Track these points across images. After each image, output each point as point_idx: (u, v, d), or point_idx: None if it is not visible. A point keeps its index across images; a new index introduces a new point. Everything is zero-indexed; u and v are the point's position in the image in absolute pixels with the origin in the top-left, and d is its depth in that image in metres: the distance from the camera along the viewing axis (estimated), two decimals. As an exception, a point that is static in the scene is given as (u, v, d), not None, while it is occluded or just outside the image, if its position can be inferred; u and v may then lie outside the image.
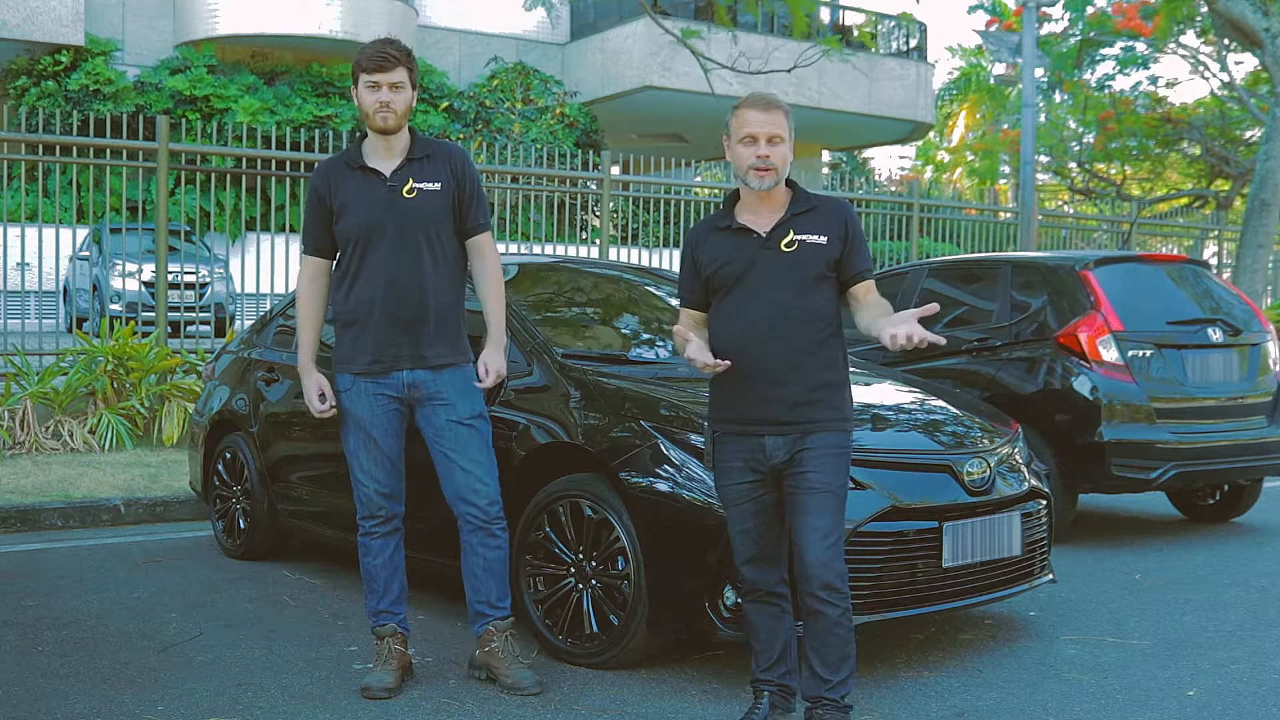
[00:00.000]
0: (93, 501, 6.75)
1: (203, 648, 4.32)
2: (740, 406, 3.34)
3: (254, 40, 19.30)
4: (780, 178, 3.33)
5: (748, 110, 3.32)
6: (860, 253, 3.37)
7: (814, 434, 3.29)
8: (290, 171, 10.21)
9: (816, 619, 3.28)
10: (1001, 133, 30.51)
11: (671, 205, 12.96)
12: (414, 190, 3.85)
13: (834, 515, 3.28)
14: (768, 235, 3.34)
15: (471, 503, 3.88)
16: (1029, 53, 13.53)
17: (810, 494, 3.27)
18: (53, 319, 12.98)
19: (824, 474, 3.28)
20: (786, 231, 3.34)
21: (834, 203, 3.44)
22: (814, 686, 3.33)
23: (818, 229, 3.34)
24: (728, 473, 3.40)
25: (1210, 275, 7.25)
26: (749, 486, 3.36)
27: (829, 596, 3.25)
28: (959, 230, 15.14)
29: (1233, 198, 25.82)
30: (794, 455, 3.29)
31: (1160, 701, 3.87)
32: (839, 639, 3.29)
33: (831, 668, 3.30)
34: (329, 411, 3.94)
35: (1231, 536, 6.73)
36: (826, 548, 3.25)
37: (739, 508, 3.39)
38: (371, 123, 3.82)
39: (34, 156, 9.37)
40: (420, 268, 3.84)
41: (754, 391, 3.31)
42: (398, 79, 3.80)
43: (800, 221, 3.35)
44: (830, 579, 3.25)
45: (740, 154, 3.32)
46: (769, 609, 3.44)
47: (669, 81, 20.75)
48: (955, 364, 6.79)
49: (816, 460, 3.27)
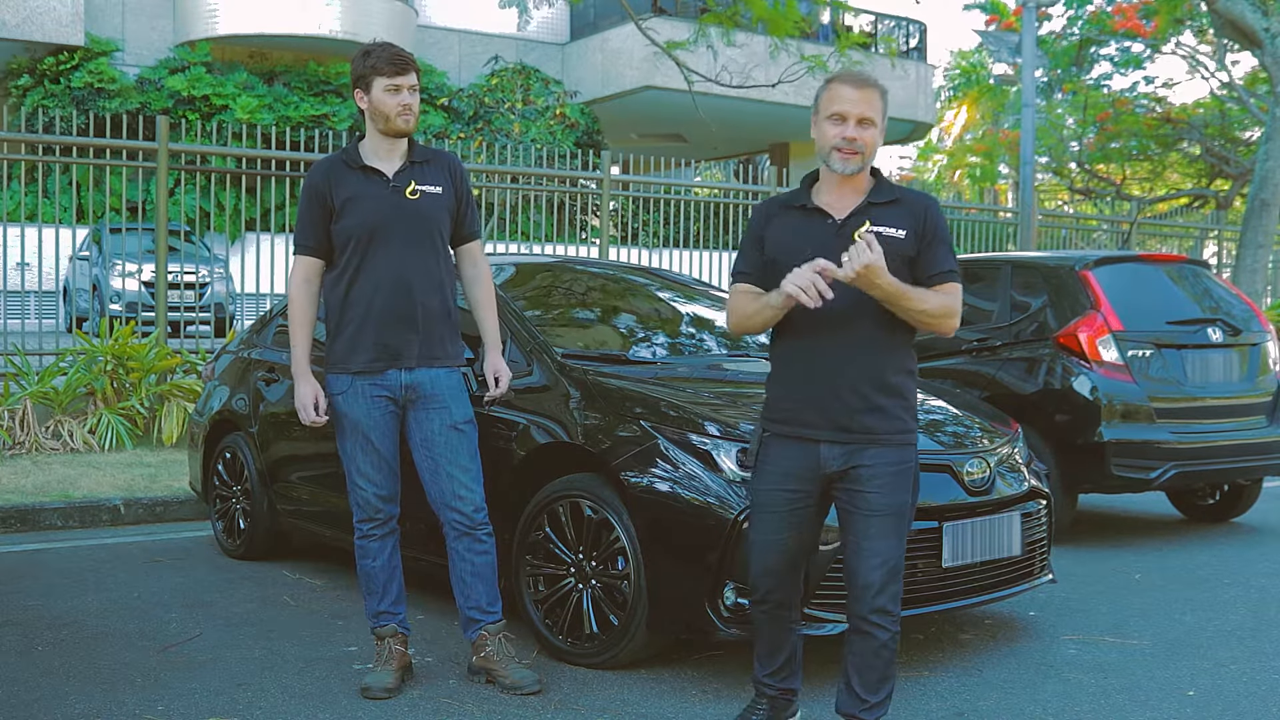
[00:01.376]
0: (93, 501, 6.74)
1: (203, 648, 4.32)
2: (797, 407, 3.14)
3: (254, 40, 19.30)
4: (866, 163, 3.12)
5: (841, 86, 3.10)
6: (938, 251, 3.11)
7: (874, 448, 3.09)
8: (290, 171, 10.21)
9: (864, 640, 3.15)
10: (1001, 133, 30.52)
11: (671, 205, 12.96)
12: (417, 192, 3.86)
13: (893, 538, 3.10)
14: (843, 221, 3.12)
15: (457, 509, 3.88)
16: (1029, 53, 13.53)
17: (871, 516, 3.09)
18: (53, 319, 12.98)
19: (885, 495, 3.08)
20: (863, 220, 3.10)
21: (918, 196, 3.19)
22: (851, 705, 3.21)
23: (897, 222, 3.11)
24: (768, 476, 3.20)
25: (1210, 275, 7.25)
26: (790, 495, 3.17)
27: (881, 620, 3.11)
28: (959, 230, 15.14)
29: (1233, 198, 25.82)
30: (851, 469, 3.10)
31: (1160, 701, 3.87)
32: (883, 661, 3.15)
33: (871, 689, 3.17)
34: (320, 421, 3.92)
35: (1231, 536, 6.73)
36: (884, 573, 3.09)
37: (771, 515, 3.20)
38: (392, 125, 3.83)
39: (34, 157, 9.37)
40: (424, 268, 3.85)
41: (816, 392, 3.11)
42: (414, 82, 3.85)
43: (880, 212, 3.12)
44: (883, 604, 3.10)
45: (826, 131, 3.09)
46: (779, 619, 3.33)
47: (669, 81, 20.70)
48: (955, 364, 6.79)
49: (877, 479, 3.08)
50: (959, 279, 3.13)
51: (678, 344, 5.09)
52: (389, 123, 3.83)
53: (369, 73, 3.82)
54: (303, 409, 3.92)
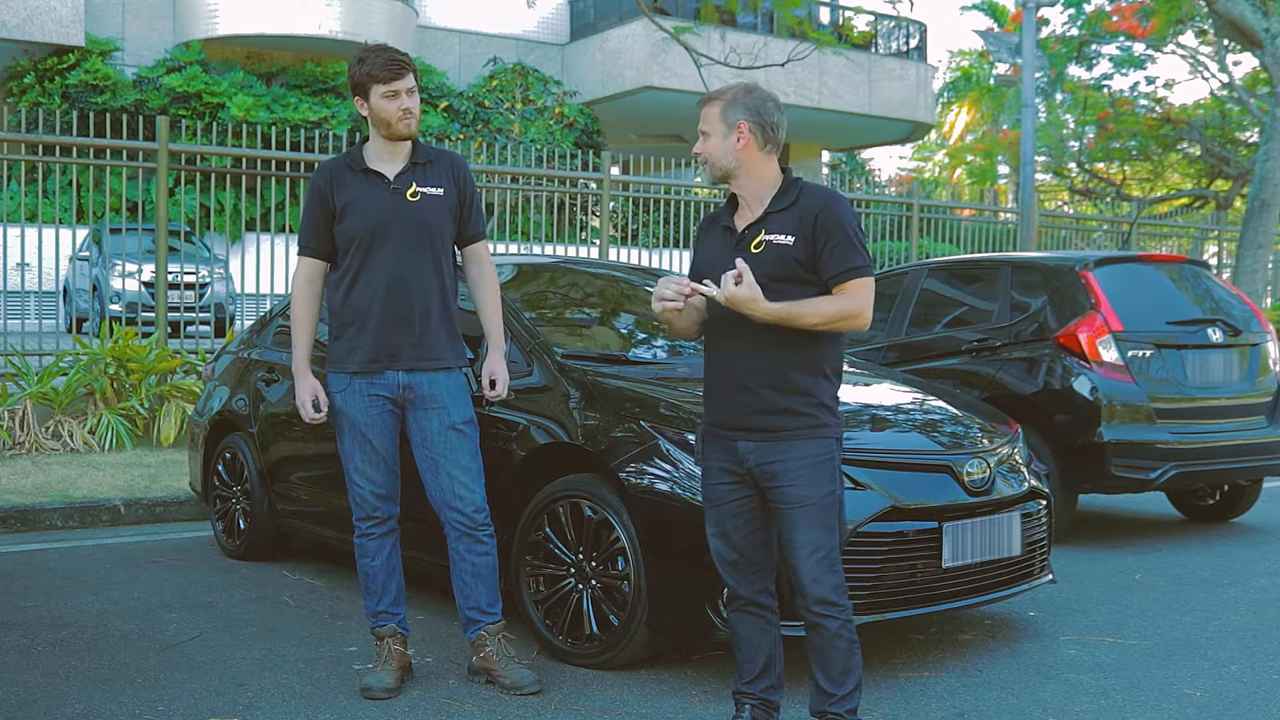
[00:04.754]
0: (92, 502, 6.74)
1: (202, 648, 4.32)
2: (715, 408, 3.28)
3: (254, 40, 19.30)
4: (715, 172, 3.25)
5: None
6: (834, 252, 3.10)
7: (787, 442, 3.15)
8: (290, 171, 10.21)
9: (817, 633, 3.19)
10: (1001, 133, 30.52)
11: (671, 205, 12.95)
12: (418, 194, 3.86)
13: (819, 528, 3.15)
14: (742, 234, 3.22)
15: (458, 509, 3.88)
16: (1029, 53, 13.53)
17: (791, 509, 3.15)
18: (52, 319, 12.98)
19: (803, 487, 3.14)
20: (759, 231, 3.19)
21: (814, 198, 3.18)
22: (820, 701, 3.23)
23: (787, 228, 3.15)
24: (709, 472, 3.32)
25: (1210, 275, 7.25)
26: (729, 488, 3.27)
27: (825, 610, 3.15)
28: (959, 231, 15.15)
29: (1233, 198, 25.82)
30: (767, 465, 3.17)
31: (1160, 701, 3.87)
32: (841, 651, 3.18)
33: (835, 681, 3.20)
34: (320, 418, 3.93)
35: (1231, 536, 6.72)
36: (816, 563, 3.14)
37: (718, 509, 3.30)
38: (394, 130, 3.83)
39: (34, 157, 9.37)
40: (423, 270, 3.85)
41: (726, 394, 3.24)
42: (411, 84, 3.84)
43: (776, 219, 3.18)
44: (823, 594, 3.15)
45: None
46: (753, 619, 3.34)
47: (669, 82, 20.74)
48: (955, 364, 6.79)
49: (793, 472, 3.14)
50: (865, 273, 3.14)
51: (677, 344, 5.09)
52: (391, 128, 3.83)
53: (366, 80, 3.82)
54: (302, 406, 3.93)
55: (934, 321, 7.18)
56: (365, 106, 3.85)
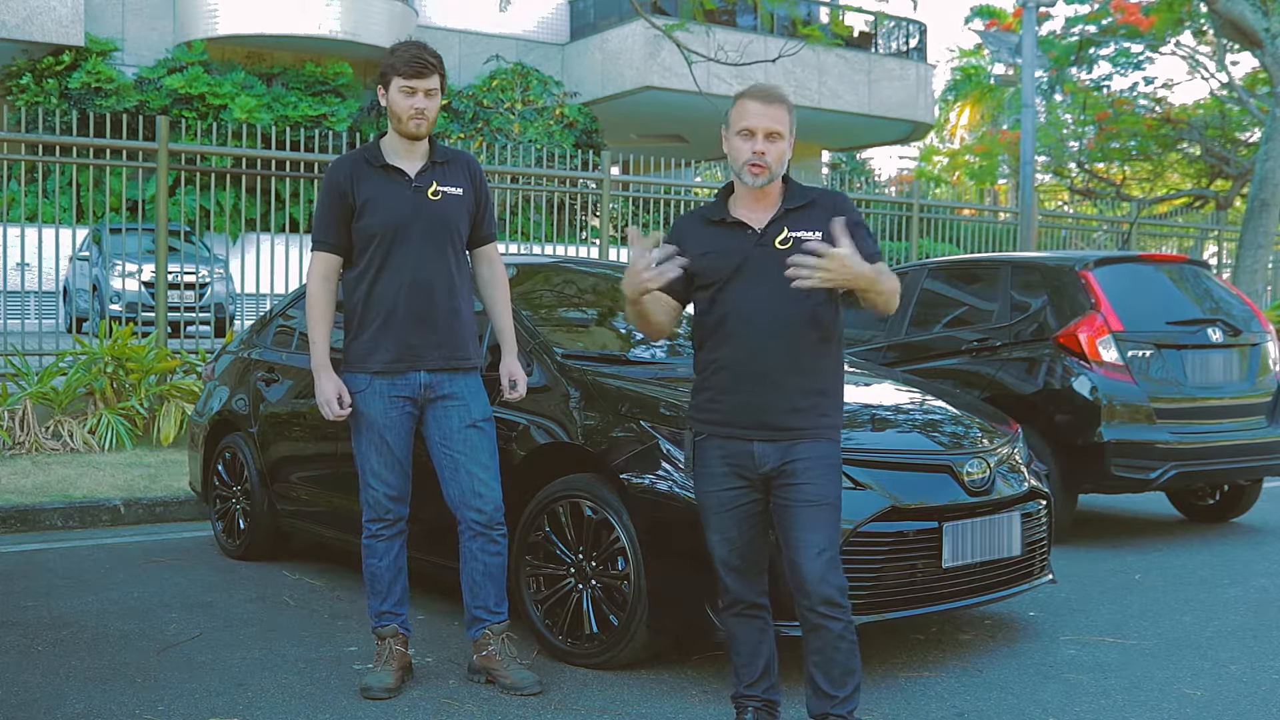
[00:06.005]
0: (92, 502, 6.74)
1: (202, 648, 4.32)
2: (728, 410, 3.21)
3: (254, 40, 19.30)
4: (774, 176, 3.18)
5: (748, 101, 3.17)
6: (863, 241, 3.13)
7: (806, 442, 3.16)
8: (290, 171, 10.21)
9: (818, 634, 3.16)
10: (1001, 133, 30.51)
11: (671, 205, 12.95)
12: (439, 193, 3.86)
13: (829, 529, 3.16)
14: (763, 231, 3.21)
15: (476, 508, 3.87)
16: (1029, 53, 13.54)
17: (805, 507, 3.14)
18: (52, 319, 12.97)
19: (819, 486, 3.15)
20: (781, 228, 3.19)
21: (828, 196, 3.26)
22: (820, 704, 3.21)
23: (814, 225, 3.18)
24: (710, 478, 3.26)
25: (1210, 275, 7.25)
26: (737, 493, 3.22)
27: (830, 611, 3.13)
28: (959, 231, 15.15)
29: (1233, 198, 25.82)
30: (785, 465, 3.16)
31: (1160, 701, 3.87)
32: (843, 653, 3.16)
33: (836, 683, 3.18)
34: (344, 415, 3.87)
35: (1231, 536, 6.72)
36: (824, 563, 3.13)
37: (723, 515, 3.25)
38: (404, 128, 3.82)
39: (34, 157, 9.37)
40: (443, 269, 3.85)
41: (745, 394, 3.18)
42: (432, 85, 3.81)
43: (796, 216, 3.20)
44: (829, 594, 3.13)
45: (737, 147, 3.18)
46: (752, 622, 3.34)
47: (668, 81, 20.75)
48: (955, 364, 6.79)
49: (810, 471, 3.14)
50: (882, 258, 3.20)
51: (677, 344, 5.09)
52: (400, 124, 3.82)
53: (389, 70, 3.81)
54: (325, 404, 3.84)
55: (934, 321, 7.18)
56: (384, 97, 3.85)
